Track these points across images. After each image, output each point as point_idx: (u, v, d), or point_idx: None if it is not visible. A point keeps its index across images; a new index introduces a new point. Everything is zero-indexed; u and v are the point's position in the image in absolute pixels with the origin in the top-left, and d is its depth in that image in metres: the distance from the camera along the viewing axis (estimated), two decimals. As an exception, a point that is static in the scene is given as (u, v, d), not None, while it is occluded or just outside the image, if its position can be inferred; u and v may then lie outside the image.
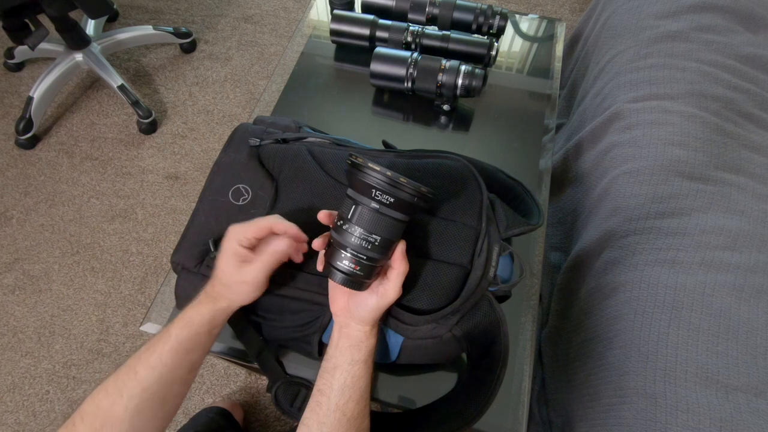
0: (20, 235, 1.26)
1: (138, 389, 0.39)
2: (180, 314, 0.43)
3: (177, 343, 0.41)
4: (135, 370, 0.40)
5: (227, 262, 0.42)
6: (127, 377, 0.40)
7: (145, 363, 0.40)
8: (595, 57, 1.03)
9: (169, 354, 0.41)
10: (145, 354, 0.41)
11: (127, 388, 0.39)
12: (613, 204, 0.77)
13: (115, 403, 0.39)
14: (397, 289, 0.41)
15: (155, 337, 0.42)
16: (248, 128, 0.57)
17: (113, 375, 0.40)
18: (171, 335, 0.41)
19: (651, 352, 0.61)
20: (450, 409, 0.49)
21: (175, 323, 0.42)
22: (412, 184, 0.37)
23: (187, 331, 0.42)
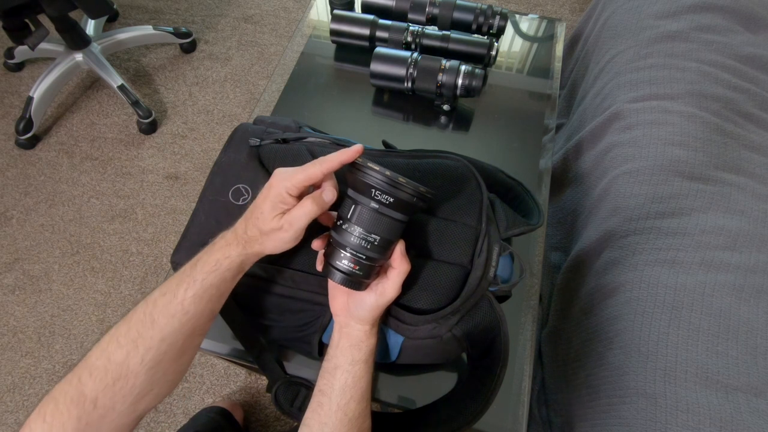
0: (20, 235, 1.26)
1: (156, 339, 0.36)
2: (203, 256, 0.39)
3: (202, 289, 0.38)
4: (152, 319, 0.37)
5: (271, 208, 0.38)
6: (143, 327, 0.36)
7: (164, 311, 0.37)
8: (595, 57, 1.03)
9: (192, 301, 0.38)
10: (162, 300, 0.37)
11: (144, 339, 0.36)
12: (613, 204, 0.77)
13: (130, 356, 0.36)
14: (396, 288, 0.41)
15: (172, 282, 0.38)
16: (248, 128, 0.57)
17: (124, 324, 0.37)
18: (196, 280, 0.38)
19: (651, 352, 0.61)
20: (450, 409, 0.49)
21: (198, 267, 0.39)
22: (411, 184, 0.37)
23: (213, 276, 0.39)
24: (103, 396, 0.35)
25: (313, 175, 0.38)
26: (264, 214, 0.38)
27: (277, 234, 0.39)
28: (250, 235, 0.39)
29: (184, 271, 0.39)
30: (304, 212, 0.38)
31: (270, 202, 0.38)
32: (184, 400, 1.06)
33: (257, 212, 0.39)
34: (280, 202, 0.38)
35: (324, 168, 0.38)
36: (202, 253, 0.40)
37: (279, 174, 0.39)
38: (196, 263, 0.39)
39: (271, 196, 0.38)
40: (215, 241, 0.41)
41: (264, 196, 0.39)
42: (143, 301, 0.38)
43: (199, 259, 0.40)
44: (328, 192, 0.39)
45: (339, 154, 0.38)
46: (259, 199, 0.39)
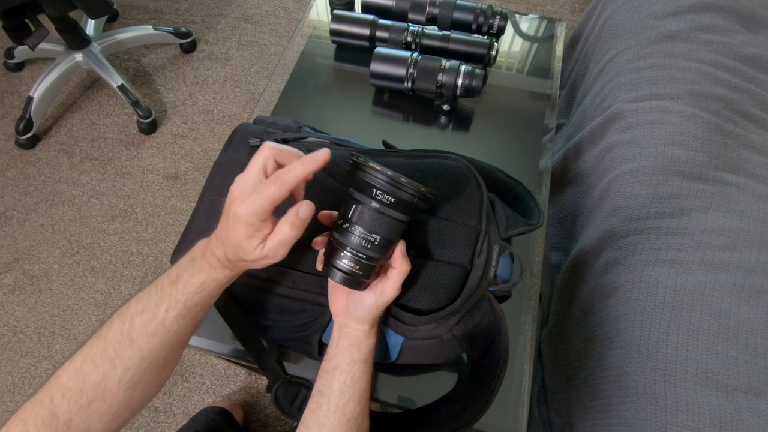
0: (20, 235, 1.26)
1: (135, 359, 0.35)
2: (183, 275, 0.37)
3: (186, 308, 0.36)
4: (130, 338, 0.35)
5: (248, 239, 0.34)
6: (120, 346, 0.34)
7: (144, 330, 0.35)
8: (595, 57, 1.03)
9: (175, 320, 0.36)
10: (140, 319, 0.35)
11: (122, 359, 0.34)
12: (613, 204, 0.77)
13: (108, 377, 0.34)
14: (395, 288, 0.41)
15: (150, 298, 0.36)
16: (248, 128, 0.57)
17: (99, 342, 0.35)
18: (179, 300, 0.36)
19: (651, 352, 0.61)
20: (450, 409, 0.49)
21: (180, 287, 0.36)
22: (412, 184, 0.37)
23: (198, 296, 0.37)
24: (78, 417, 0.33)
25: (274, 197, 0.33)
26: (243, 247, 0.35)
27: (264, 261, 0.36)
28: (233, 261, 0.36)
29: (162, 287, 0.37)
30: (283, 239, 0.35)
31: (244, 234, 0.34)
32: (184, 400, 1.06)
33: (233, 243, 0.35)
34: (255, 231, 0.34)
35: (287, 184, 0.34)
36: (181, 269, 0.37)
37: (239, 196, 0.34)
38: (176, 281, 0.37)
39: (243, 228, 0.34)
40: (193, 255, 0.38)
41: (234, 226, 0.34)
42: (118, 317, 0.36)
43: (179, 277, 0.37)
44: (303, 209, 0.35)
45: (303, 165, 0.34)
46: (230, 227, 0.35)
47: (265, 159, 0.35)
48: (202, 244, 0.39)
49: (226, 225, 0.35)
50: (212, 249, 0.37)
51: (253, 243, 0.35)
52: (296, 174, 0.34)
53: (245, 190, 0.34)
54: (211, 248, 0.37)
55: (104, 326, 0.36)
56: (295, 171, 0.34)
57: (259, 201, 0.33)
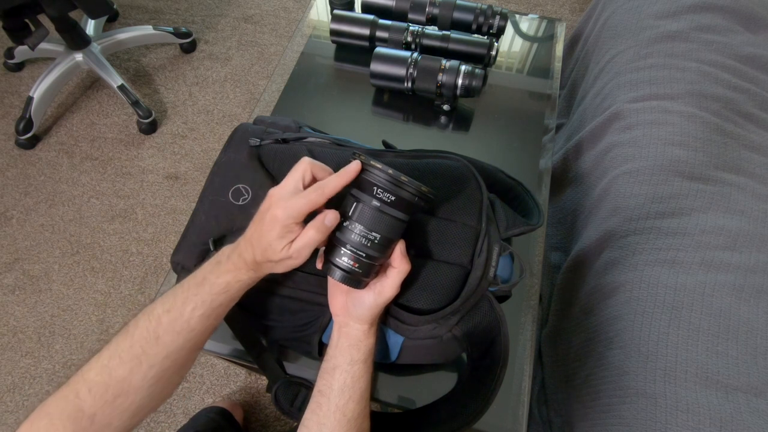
0: (20, 235, 1.26)
1: (161, 356, 0.37)
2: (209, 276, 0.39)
3: (211, 308, 0.38)
4: (157, 335, 0.37)
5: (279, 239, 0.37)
6: (146, 343, 0.36)
7: (170, 328, 0.37)
8: (595, 57, 1.03)
9: (200, 320, 0.38)
10: (166, 318, 0.37)
11: (148, 356, 0.36)
12: (613, 204, 0.77)
13: (133, 372, 0.36)
14: (394, 288, 0.41)
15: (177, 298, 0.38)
16: (248, 128, 0.57)
17: (126, 339, 0.37)
18: (205, 301, 0.38)
19: (651, 352, 0.61)
20: (450, 409, 0.49)
21: (206, 287, 0.38)
22: (413, 183, 0.37)
23: (223, 296, 0.39)
24: (102, 412, 0.35)
25: (316, 202, 0.37)
26: (273, 246, 0.37)
27: (288, 262, 0.39)
28: (260, 262, 0.39)
29: (188, 288, 0.39)
30: (308, 242, 0.37)
31: (277, 234, 0.37)
32: (184, 400, 1.06)
33: (264, 243, 0.37)
34: (288, 233, 0.37)
35: (327, 193, 0.37)
36: (207, 271, 0.39)
37: (279, 201, 0.37)
38: (202, 282, 0.39)
39: (278, 228, 0.36)
40: (218, 258, 0.40)
41: (269, 226, 0.37)
42: (144, 316, 0.38)
43: (205, 278, 0.39)
44: (330, 217, 0.38)
45: (340, 177, 0.38)
46: (264, 228, 0.37)
47: (304, 170, 0.39)
48: (227, 248, 0.41)
49: (260, 227, 0.38)
50: (240, 251, 0.39)
51: (283, 243, 0.37)
52: (335, 185, 0.38)
53: (284, 196, 0.37)
54: (239, 250, 0.39)
55: (131, 324, 0.37)
56: (334, 182, 0.38)
57: (299, 204, 0.36)
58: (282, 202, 0.37)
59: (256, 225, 0.38)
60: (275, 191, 0.38)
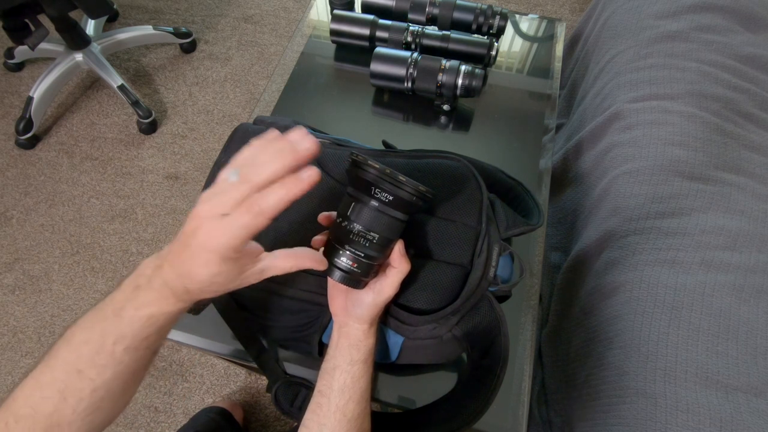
0: (20, 235, 1.26)
1: (87, 391, 0.32)
2: (127, 306, 0.32)
3: (136, 341, 0.32)
4: (78, 369, 0.31)
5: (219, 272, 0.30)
6: (68, 378, 0.31)
7: (92, 362, 0.31)
8: (595, 57, 1.03)
9: (125, 353, 0.32)
10: (86, 349, 0.31)
11: (73, 391, 0.31)
12: (613, 204, 0.77)
13: (59, 408, 0.31)
14: (394, 287, 0.41)
15: (94, 328, 0.32)
16: (248, 128, 0.57)
17: (47, 371, 0.32)
18: (125, 335, 0.32)
19: (651, 352, 0.61)
20: (450, 409, 0.49)
21: (125, 319, 0.32)
22: (411, 183, 0.37)
23: (149, 330, 0.32)
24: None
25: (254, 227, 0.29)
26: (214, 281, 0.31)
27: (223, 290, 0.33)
28: (194, 293, 0.32)
29: (105, 317, 0.32)
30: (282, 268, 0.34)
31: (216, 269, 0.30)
32: (184, 400, 1.06)
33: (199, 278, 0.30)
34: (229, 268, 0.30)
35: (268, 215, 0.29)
36: (124, 298, 0.32)
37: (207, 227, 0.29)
38: (120, 312, 0.32)
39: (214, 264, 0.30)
40: (137, 281, 0.33)
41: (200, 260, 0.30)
42: (65, 343, 0.32)
43: (123, 308, 0.32)
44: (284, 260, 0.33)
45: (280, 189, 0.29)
46: (194, 266, 0.30)
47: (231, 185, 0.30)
48: (148, 267, 0.33)
49: (187, 256, 0.30)
50: (165, 278, 0.32)
51: (234, 272, 0.31)
52: (277, 205, 0.29)
53: (211, 218, 0.29)
54: (164, 277, 0.32)
55: (51, 351, 0.32)
56: (275, 196, 0.29)
57: (231, 234, 0.28)
58: (210, 229, 0.29)
59: (181, 251, 0.31)
60: (203, 203, 0.30)
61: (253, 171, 0.30)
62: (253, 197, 0.29)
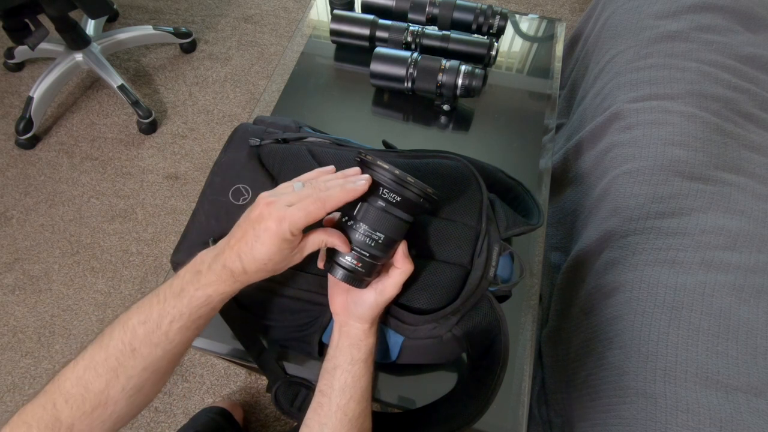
0: (20, 235, 1.26)
1: (138, 369, 0.35)
2: (187, 288, 0.36)
3: (190, 320, 0.36)
4: (133, 347, 0.35)
5: (277, 252, 0.35)
6: (122, 356, 0.35)
7: (147, 340, 0.35)
8: (595, 57, 1.03)
9: (179, 331, 0.36)
10: (142, 329, 0.35)
11: (125, 368, 0.35)
12: (613, 204, 0.77)
13: (110, 385, 0.34)
14: (396, 287, 0.41)
15: (152, 309, 0.36)
16: (248, 128, 0.57)
17: (101, 351, 0.35)
18: (183, 313, 0.36)
19: (651, 352, 0.61)
20: (450, 409, 0.49)
21: (184, 300, 0.36)
22: (419, 185, 0.37)
23: (204, 309, 0.37)
24: (80, 423, 0.34)
25: (315, 215, 0.35)
26: (271, 259, 0.35)
27: (277, 269, 0.38)
28: (250, 272, 0.36)
29: (165, 298, 0.36)
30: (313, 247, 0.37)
31: (275, 248, 0.35)
32: (184, 400, 1.06)
33: (257, 255, 0.35)
34: (285, 245, 0.35)
35: (327, 207, 0.35)
36: (185, 281, 0.36)
37: (273, 211, 0.34)
38: (180, 294, 0.36)
39: (275, 242, 0.34)
40: (198, 267, 0.37)
41: (263, 239, 0.34)
42: (119, 326, 0.36)
43: (183, 289, 0.36)
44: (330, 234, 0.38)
45: (344, 193, 0.36)
46: (257, 241, 0.35)
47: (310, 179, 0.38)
48: (207, 256, 0.37)
49: (250, 238, 0.35)
50: (224, 261, 0.36)
51: (281, 255, 0.36)
52: (337, 200, 0.36)
53: (279, 206, 0.35)
54: (223, 260, 0.36)
55: (105, 334, 0.36)
56: (338, 197, 0.36)
57: (296, 217, 0.34)
58: (277, 213, 0.34)
59: (244, 235, 0.35)
60: (267, 197, 0.36)
61: (317, 182, 0.37)
62: (321, 194, 0.35)
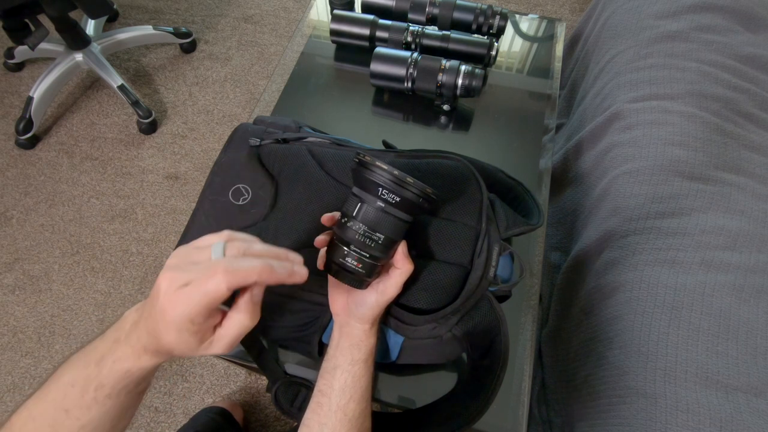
0: (20, 235, 1.26)
1: (75, 428, 0.33)
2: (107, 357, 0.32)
3: (115, 390, 0.33)
4: (65, 409, 0.32)
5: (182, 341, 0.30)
6: (57, 414, 0.32)
7: (77, 403, 0.32)
8: (595, 57, 1.03)
9: (108, 398, 0.33)
10: (72, 392, 0.32)
11: (61, 427, 0.33)
12: (613, 204, 0.77)
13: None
14: (397, 288, 0.41)
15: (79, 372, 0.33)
16: (248, 128, 0.57)
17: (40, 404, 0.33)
18: (104, 385, 0.32)
19: (651, 352, 0.61)
20: (450, 409, 0.49)
21: (104, 369, 0.32)
22: (418, 185, 0.37)
23: (126, 381, 0.33)
24: None
25: (215, 293, 0.28)
26: (181, 349, 0.31)
27: (211, 353, 0.32)
28: (164, 353, 0.32)
29: (88, 363, 0.33)
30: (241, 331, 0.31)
31: (175, 335, 0.30)
32: (184, 400, 1.06)
33: (165, 341, 0.30)
34: (191, 334, 0.30)
35: (233, 281, 0.28)
36: (105, 347, 0.33)
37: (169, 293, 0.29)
38: (100, 362, 0.32)
39: (174, 330, 0.29)
40: (117, 334, 0.33)
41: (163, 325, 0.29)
42: (53, 380, 0.33)
43: (103, 357, 0.32)
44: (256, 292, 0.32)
45: (266, 273, 0.30)
46: (160, 330, 0.30)
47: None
48: (128, 320, 0.33)
49: (153, 319, 0.30)
50: (139, 335, 0.32)
51: (192, 343, 0.31)
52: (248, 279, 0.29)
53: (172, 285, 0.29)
54: (138, 334, 0.32)
55: (43, 386, 0.34)
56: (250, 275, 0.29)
57: (195, 298, 0.28)
58: (169, 296, 0.29)
59: (150, 314, 0.31)
60: (171, 267, 0.30)
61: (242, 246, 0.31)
62: (227, 262, 0.29)
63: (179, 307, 0.28)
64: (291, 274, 0.32)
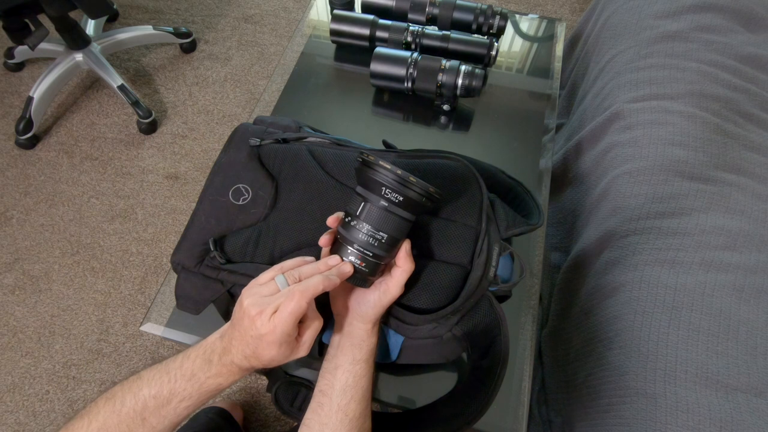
0: (20, 235, 1.26)
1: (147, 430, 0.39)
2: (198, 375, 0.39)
3: (199, 401, 0.40)
4: (143, 418, 0.38)
5: (283, 352, 0.37)
6: (132, 423, 0.38)
7: (156, 413, 0.38)
8: (595, 57, 1.03)
9: (186, 409, 0.39)
10: (153, 403, 0.38)
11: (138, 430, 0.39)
12: (613, 204, 0.77)
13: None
14: (399, 287, 0.41)
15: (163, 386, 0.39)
16: (248, 128, 0.57)
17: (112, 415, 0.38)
18: (193, 396, 0.39)
19: (651, 352, 0.61)
20: (450, 409, 0.49)
21: (195, 384, 0.39)
22: (421, 184, 0.37)
23: (215, 393, 0.40)
24: None
25: (299, 312, 0.35)
26: (279, 358, 0.37)
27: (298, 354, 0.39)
28: (260, 367, 0.39)
29: (176, 379, 0.39)
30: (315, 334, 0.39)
31: (277, 351, 0.36)
32: (184, 400, 1.06)
33: (267, 357, 0.37)
34: (286, 348, 0.37)
35: (308, 297, 0.36)
36: (196, 367, 0.39)
37: (265, 325, 0.35)
38: (191, 378, 0.38)
39: (275, 347, 0.36)
40: (209, 356, 0.39)
41: (265, 348, 0.36)
42: (131, 394, 0.39)
43: (194, 375, 0.38)
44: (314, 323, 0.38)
45: (327, 284, 0.37)
46: (260, 350, 0.36)
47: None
48: (218, 345, 0.39)
49: (252, 347, 0.37)
50: (232, 359, 0.38)
51: (288, 351, 0.37)
52: (317, 293, 0.36)
53: (265, 315, 0.35)
54: (231, 358, 0.38)
55: (116, 398, 0.39)
56: (317, 290, 0.36)
57: (287, 321, 0.35)
58: (266, 326, 0.35)
59: (244, 344, 0.37)
60: (252, 307, 0.36)
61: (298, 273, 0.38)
62: (294, 287, 0.36)
63: (278, 327, 0.35)
64: (341, 274, 0.38)
